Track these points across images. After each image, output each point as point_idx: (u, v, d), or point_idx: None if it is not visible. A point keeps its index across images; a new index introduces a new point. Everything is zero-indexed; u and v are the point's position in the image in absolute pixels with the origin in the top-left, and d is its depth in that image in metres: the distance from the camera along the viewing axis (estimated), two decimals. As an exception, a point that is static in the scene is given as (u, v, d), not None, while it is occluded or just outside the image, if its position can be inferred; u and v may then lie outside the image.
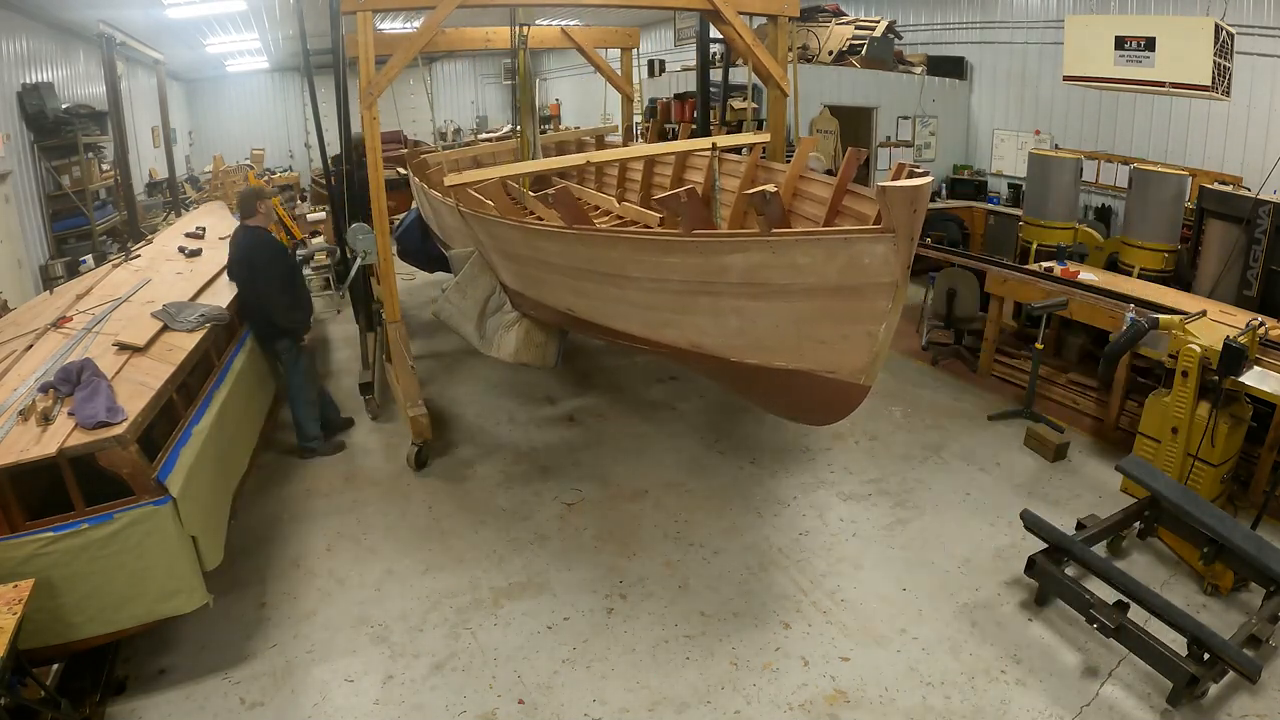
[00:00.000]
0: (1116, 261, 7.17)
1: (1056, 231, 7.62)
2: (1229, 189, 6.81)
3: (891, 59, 10.17)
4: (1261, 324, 4.40)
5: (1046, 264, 6.55)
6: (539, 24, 11.18)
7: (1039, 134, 9.51)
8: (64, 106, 8.97)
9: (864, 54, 9.77)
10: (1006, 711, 3.23)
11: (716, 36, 7.44)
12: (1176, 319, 4.57)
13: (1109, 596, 3.48)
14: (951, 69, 10.40)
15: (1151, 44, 6.19)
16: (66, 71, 9.86)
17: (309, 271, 9.74)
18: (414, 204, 8.22)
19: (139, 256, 6.43)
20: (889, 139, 10.17)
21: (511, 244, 4.65)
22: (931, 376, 6.89)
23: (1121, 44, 6.36)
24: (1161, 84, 6.21)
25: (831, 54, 9.90)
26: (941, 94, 10.30)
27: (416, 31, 5.37)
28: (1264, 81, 7.09)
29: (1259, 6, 7.05)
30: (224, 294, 5.29)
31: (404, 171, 8.47)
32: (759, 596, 3.97)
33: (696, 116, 8.77)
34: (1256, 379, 4.17)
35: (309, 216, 11.25)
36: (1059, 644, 3.60)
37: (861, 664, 3.50)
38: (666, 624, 3.78)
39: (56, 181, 8.77)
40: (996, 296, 6.51)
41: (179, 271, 5.82)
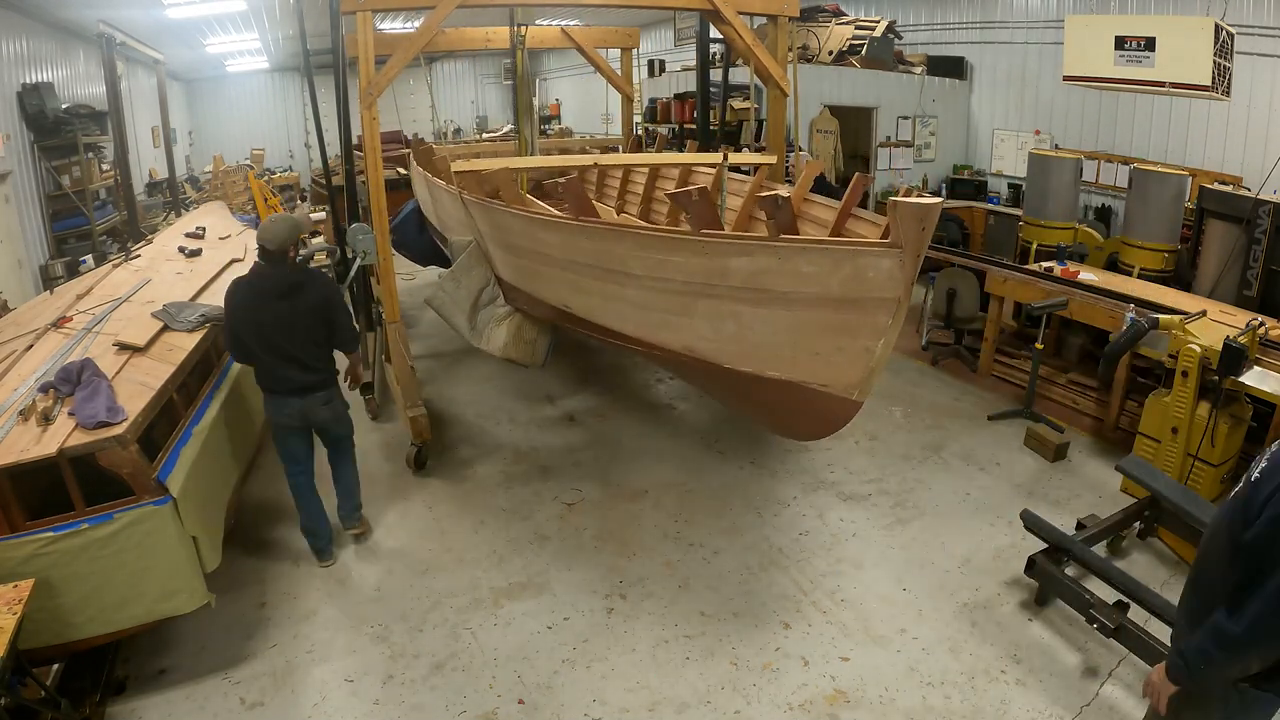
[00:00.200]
0: (1116, 261, 7.17)
1: (1056, 231, 7.62)
2: (1229, 189, 6.81)
3: (891, 59, 10.18)
4: (1261, 324, 4.40)
5: (1046, 264, 6.55)
6: (539, 24, 11.23)
7: (1039, 134, 9.51)
8: (64, 106, 8.97)
9: (864, 54, 9.77)
10: (1006, 711, 3.23)
11: (716, 36, 7.43)
12: (1176, 319, 4.57)
13: (1109, 596, 3.47)
14: (951, 69, 10.40)
15: (1151, 44, 6.19)
16: (66, 71, 9.86)
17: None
18: (412, 198, 8.22)
19: (139, 256, 6.42)
20: (889, 139, 10.17)
21: (512, 234, 4.62)
22: (931, 376, 6.89)
23: (1121, 44, 6.37)
24: (1161, 84, 6.21)
25: (831, 54, 9.90)
26: (941, 94, 10.30)
27: (416, 31, 5.37)
28: (1264, 81, 7.09)
29: (1259, 6, 7.05)
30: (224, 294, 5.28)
31: (404, 171, 8.47)
32: (759, 596, 3.97)
33: (696, 116, 8.77)
34: (1256, 379, 4.17)
35: (310, 216, 11.24)
36: (1059, 644, 3.61)
37: (861, 664, 3.51)
38: (666, 624, 3.78)
39: (56, 181, 8.77)
40: (996, 296, 6.52)
41: (179, 271, 5.81)
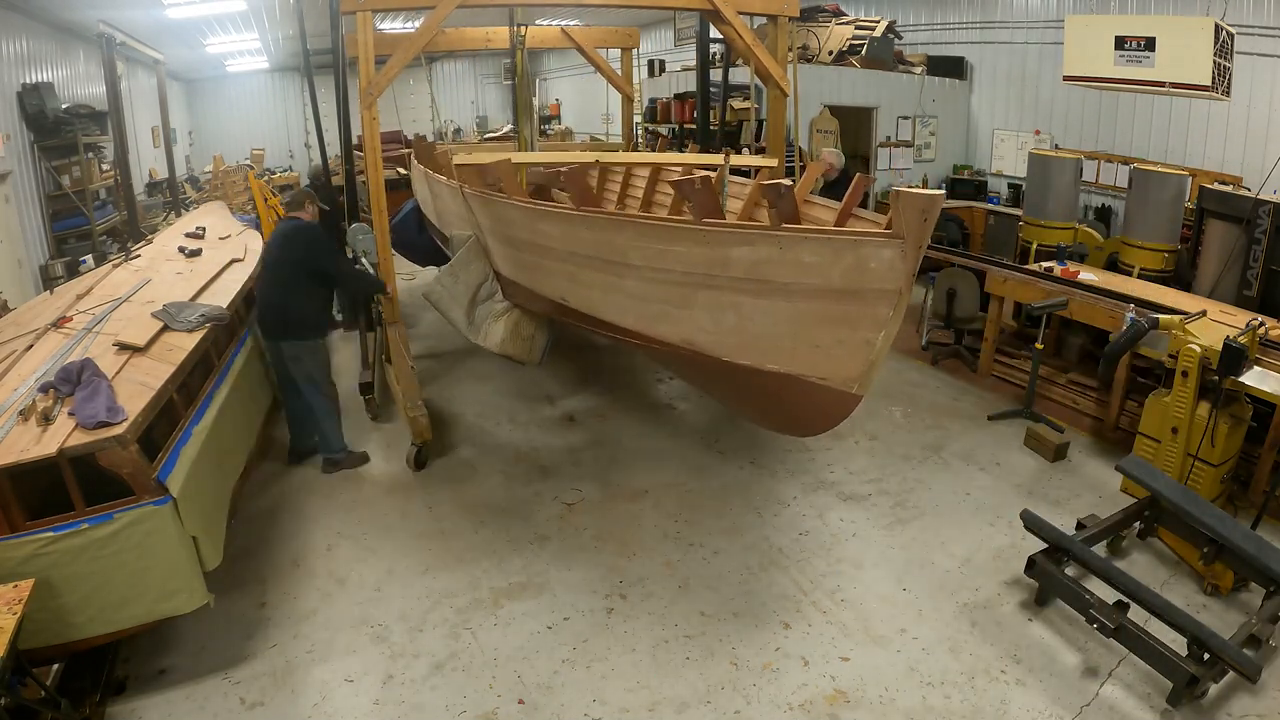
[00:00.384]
0: (1116, 261, 7.17)
1: (1056, 231, 7.62)
2: (1229, 189, 6.82)
3: (891, 59, 10.18)
4: (1261, 324, 4.40)
5: (1046, 264, 6.56)
6: (539, 24, 11.23)
7: (1039, 134, 9.51)
8: (64, 106, 8.97)
9: (864, 54, 9.78)
10: (1006, 711, 3.23)
11: (716, 36, 7.44)
12: (1176, 319, 4.57)
13: (1109, 596, 3.47)
14: (951, 69, 10.41)
15: (1151, 44, 6.19)
16: (66, 71, 9.86)
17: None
18: (412, 198, 8.22)
19: (139, 256, 6.42)
20: (889, 139, 10.18)
21: (512, 226, 4.61)
22: (931, 376, 6.89)
23: (1121, 44, 6.37)
24: (1161, 84, 6.21)
25: (831, 54, 9.90)
26: (941, 94, 10.31)
27: (416, 31, 5.37)
28: (1264, 81, 7.09)
29: (1259, 6, 7.05)
30: (224, 294, 5.29)
31: (404, 171, 8.48)
32: (759, 596, 3.97)
33: (696, 116, 8.77)
34: (1256, 379, 4.17)
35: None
36: (1059, 644, 3.60)
37: (861, 664, 3.50)
38: (666, 624, 3.77)
39: (56, 181, 8.77)
40: (996, 296, 6.52)
41: (179, 271, 5.81)
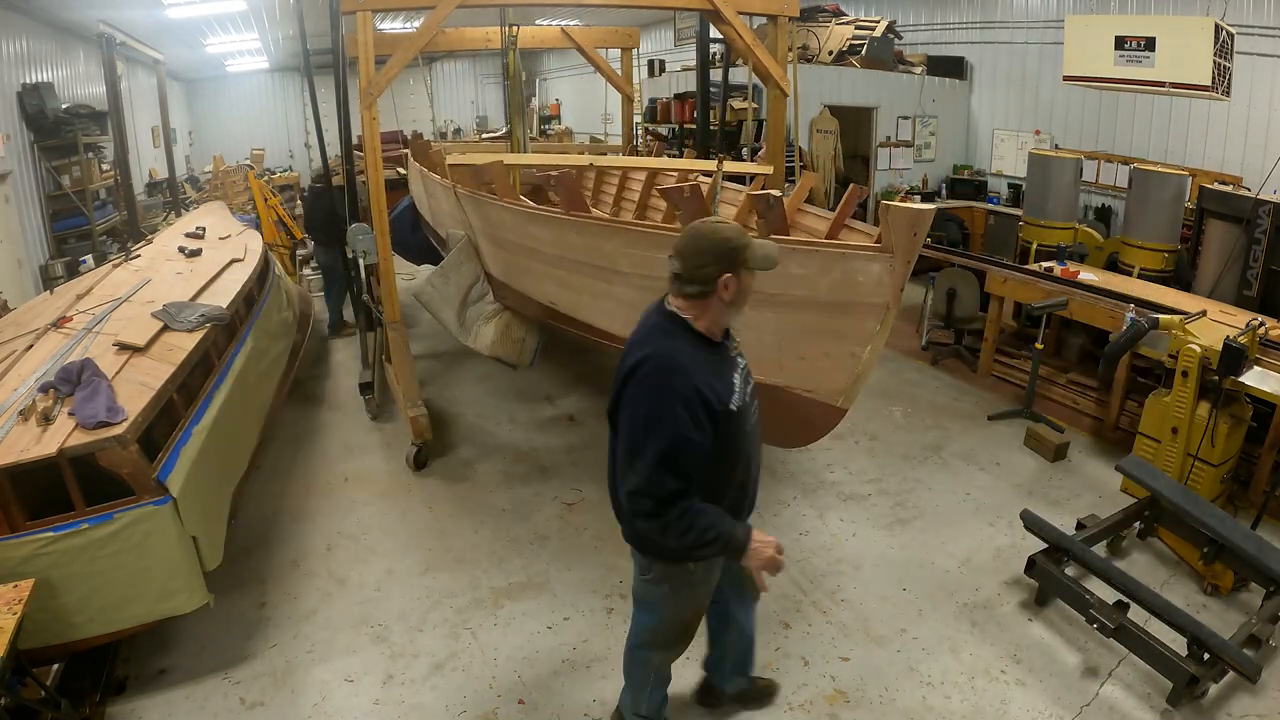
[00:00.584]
0: (1116, 261, 7.17)
1: (1056, 231, 7.62)
2: (1229, 189, 6.82)
3: (891, 59, 10.18)
4: (1261, 324, 4.40)
5: (1046, 264, 6.56)
6: (539, 24, 11.22)
7: (1039, 134, 9.51)
8: (64, 106, 8.97)
9: (864, 54, 9.77)
10: (1006, 711, 3.23)
11: (716, 36, 7.43)
12: (1176, 319, 4.57)
13: (1109, 596, 3.47)
14: (951, 69, 10.40)
15: (1151, 44, 6.19)
16: (66, 71, 9.85)
17: (309, 271, 9.74)
18: (408, 195, 8.23)
19: (139, 256, 6.42)
20: (889, 139, 10.18)
21: (503, 228, 4.60)
22: (932, 376, 6.89)
23: (1121, 44, 6.37)
24: (1161, 84, 6.21)
25: (831, 54, 9.90)
26: (941, 94, 10.30)
27: (416, 31, 5.37)
28: (1264, 81, 7.09)
29: (1259, 6, 7.05)
30: (224, 294, 5.29)
31: (404, 171, 8.49)
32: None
33: (696, 116, 8.76)
34: (1256, 379, 4.17)
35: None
36: (1059, 644, 3.60)
37: (861, 664, 3.50)
38: (666, 624, 3.77)
39: (56, 181, 8.76)
40: (996, 296, 6.52)
41: (179, 271, 5.80)
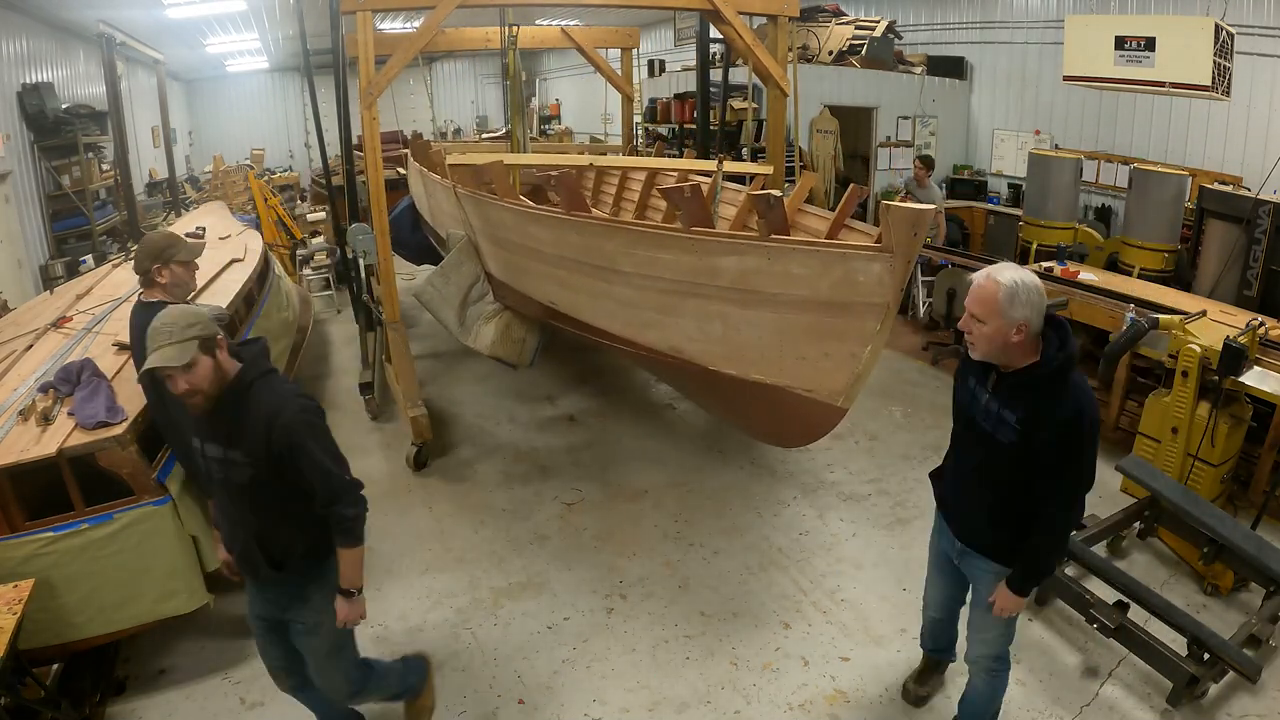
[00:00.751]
0: (1116, 261, 7.18)
1: (1056, 231, 7.63)
2: (1229, 189, 6.82)
3: (891, 59, 10.18)
4: (1261, 324, 4.40)
5: (1046, 264, 6.56)
6: (539, 24, 11.23)
7: (1039, 134, 9.52)
8: (64, 106, 8.97)
9: (864, 54, 9.78)
10: (1006, 712, 3.21)
11: (716, 36, 7.43)
12: (1176, 319, 4.57)
13: (1109, 596, 3.47)
14: (951, 69, 10.41)
15: (1151, 44, 6.20)
16: (66, 71, 9.86)
17: (308, 271, 9.67)
18: (408, 195, 8.22)
19: (139, 256, 6.41)
20: (889, 139, 10.18)
21: (503, 228, 4.61)
22: (932, 376, 6.89)
23: (1121, 44, 6.37)
24: (1161, 84, 6.22)
25: (831, 54, 9.91)
26: (941, 94, 10.31)
27: (416, 31, 5.37)
28: (1264, 81, 7.09)
29: (1259, 6, 7.06)
30: (224, 294, 5.28)
31: (404, 171, 8.49)
32: (759, 596, 3.97)
33: (696, 116, 8.76)
34: (1256, 379, 4.17)
35: (309, 217, 11.24)
36: (1059, 644, 3.60)
37: (861, 664, 3.50)
38: (666, 624, 3.77)
39: (56, 181, 8.76)
40: (996, 296, 6.50)
41: (179, 271, 5.80)
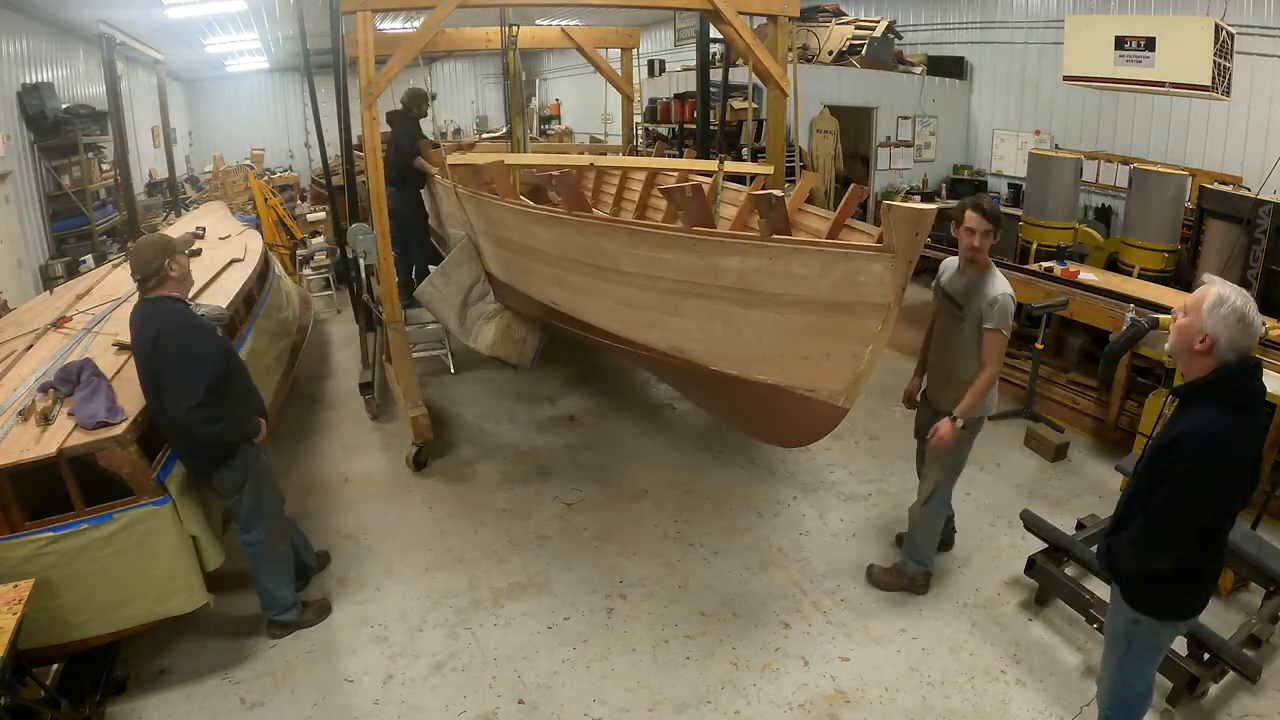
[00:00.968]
0: (1116, 261, 7.18)
1: (1056, 231, 7.63)
2: (1229, 189, 6.82)
3: (891, 59, 10.18)
4: (1262, 324, 4.40)
5: (1046, 264, 6.56)
6: (539, 24, 11.22)
7: (1039, 134, 9.51)
8: (64, 106, 8.96)
9: (864, 54, 9.78)
10: (1006, 711, 3.23)
11: (716, 36, 7.43)
12: (1176, 319, 4.56)
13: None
14: (951, 69, 10.41)
15: (1151, 44, 6.19)
16: (66, 71, 9.85)
17: (308, 271, 9.69)
18: None
19: (139, 256, 6.40)
20: (889, 139, 10.18)
21: (504, 228, 4.61)
22: (931, 376, 6.88)
23: (1121, 44, 6.37)
24: (1161, 84, 6.21)
25: (831, 54, 9.90)
26: (941, 94, 10.31)
27: (416, 31, 5.36)
28: (1264, 81, 7.09)
29: (1259, 6, 7.05)
30: (224, 294, 5.28)
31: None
32: (759, 596, 3.97)
33: (696, 116, 8.77)
34: (1256, 379, 4.16)
35: (309, 217, 11.24)
36: (1059, 644, 3.61)
37: (861, 664, 3.51)
38: (666, 624, 3.78)
39: (56, 181, 8.76)
40: (996, 296, 6.50)
41: (179, 271, 5.80)
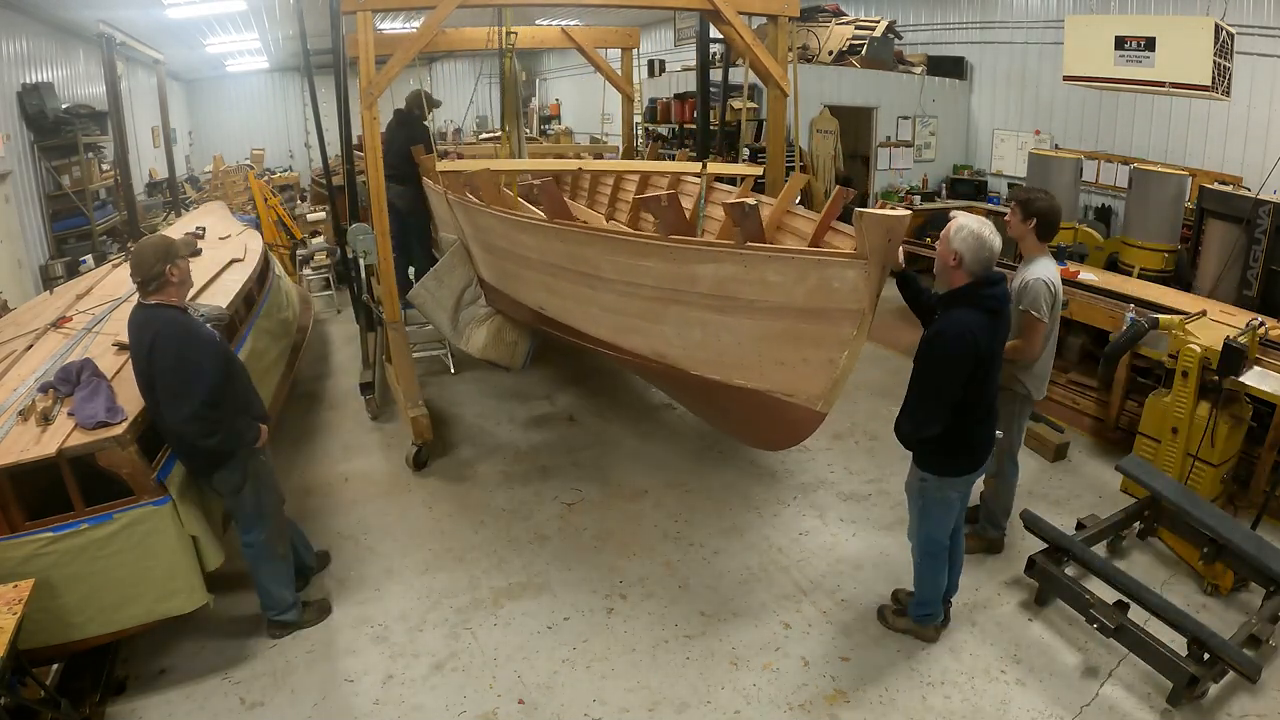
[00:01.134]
0: (1116, 261, 7.17)
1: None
2: (1229, 189, 6.82)
3: (891, 59, 10.18)
4: (1261, 324, 4.40)
5: (1046, 264, 6.54)
6: (539, 24, 11.22)
7: (1039, 134, 9.51)
8: (64, 106, 8.97)
9: (864, 54, 9.78)
10: (1006, 711, 3.23)
11: (716, 36, 7.43)
12: (1176, 319, 4.57)
13: (1109, 596, 3.48)
14: (951, 69, 10.41)
15: (1151, 44, 6.19)
16: (66, 71, 9.86)
17: (308, 271, 9.70)
18: None
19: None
20: (889, 139, 10.18)
21: (491, 234, 4.65)
22: (931, 376, 6.88)
23: (1121, 44, 6.37)
24: (1161, 84, 6.21)
25: (831, 54, 9.90)
26: (941, 94, 10.31)
27: (416, 31, 5.37)
28: (1264, 81, 7.09)
29: (1259, 6, 7.05)
30: (224, 294, 5.28)
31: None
32: (759, 596, 3.97)
33: (696, 116, 8.77)
34: (1256, 379, 4.17)
35: (309, 217, 11.24)
36: (1059, 644, 3.60)
37: (861, 664, 3.50)
38: (666, 624, 3.78)
39: (56, 181, 8.77)
40: (996, 296, 6.50)
41: (179, 271, 5.79)
